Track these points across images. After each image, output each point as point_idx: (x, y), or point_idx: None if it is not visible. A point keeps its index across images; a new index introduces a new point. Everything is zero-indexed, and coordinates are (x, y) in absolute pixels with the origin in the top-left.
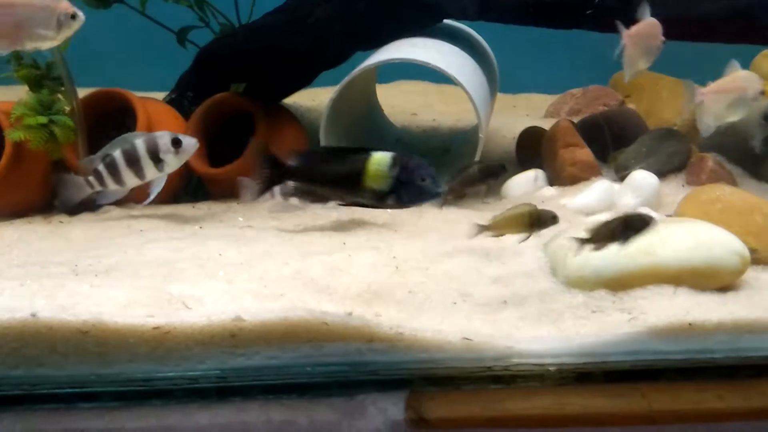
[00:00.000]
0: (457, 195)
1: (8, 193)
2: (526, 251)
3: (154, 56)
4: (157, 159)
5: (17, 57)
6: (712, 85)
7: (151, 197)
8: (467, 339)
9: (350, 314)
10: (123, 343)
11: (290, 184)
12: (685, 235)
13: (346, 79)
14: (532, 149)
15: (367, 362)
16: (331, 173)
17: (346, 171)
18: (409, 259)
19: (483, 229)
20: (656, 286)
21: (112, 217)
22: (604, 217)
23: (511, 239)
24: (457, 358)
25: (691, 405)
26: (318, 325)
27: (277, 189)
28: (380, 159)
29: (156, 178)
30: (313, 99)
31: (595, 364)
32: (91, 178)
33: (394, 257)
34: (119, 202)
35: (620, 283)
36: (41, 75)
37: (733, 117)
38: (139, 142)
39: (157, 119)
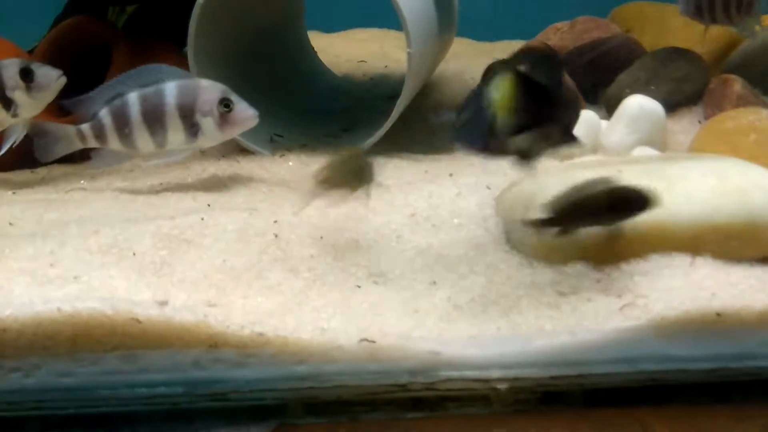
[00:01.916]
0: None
1: None
2: (466, 209)
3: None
4: (6, 99)
5: None
6: None
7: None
8: (368, 341)
9: (165, 303)
10: None
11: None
12: (707, 177)
13: None
14: None
15: (210, 380)
16: None
17: None
18: (298, 225)
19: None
20: (663, 254)
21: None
22: (576, 180)
23: (450, 192)
24: (353, 372)
25: None
26: (128, 324)
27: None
28: None
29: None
30: None
31: (570, 378)
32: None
33: (279, 222)
34: None
35: (607, 251)
36: None
37: None
38: None
39: None
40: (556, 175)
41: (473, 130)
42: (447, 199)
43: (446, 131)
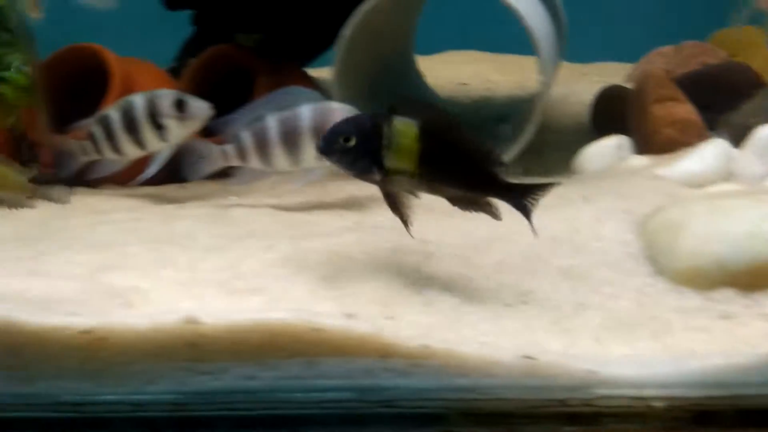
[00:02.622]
0: None
1: None
2: (608, 232)
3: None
4: (157, 123)
5: None
6: None
7: (146, 175)
8: (529, 358)
9: (352, 316)
10: (42, 351)
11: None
12: None
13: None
14: (613, 112)
15: (381, 388)
16: None
17: None
18: (444, 245)
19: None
20: None
21: (76, 199)
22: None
23: (587, 216)
24: (513, 386)
25: None
26: (308, 333)
27: (231, 150)
28: None
29: (158, 150)
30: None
31: (724, 399)
32: (85, 143)
33: (425, 241)
34: (92, 185)
35: (757, 277)
36: None
37: None
38: (138, 100)
39: (138, 80)
40: (701, 203)
41: None
42: (585, 222)
43: (563, 154)
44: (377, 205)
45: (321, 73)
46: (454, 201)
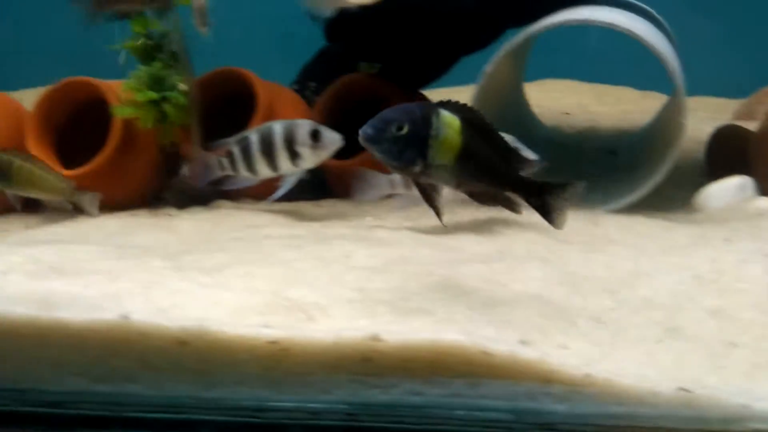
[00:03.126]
0: None
1: (114, 183)
2: (752, 276)
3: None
4: (293, 151)
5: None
6: None
7: (278, 194)
8: (685, 390)
9: (525, 343)
10: (230, 359)
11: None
12: None
13: (513, 42)
14: (732, 152)
15: (541, 411)
16: None
17: None
18: (591, 278)
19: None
20: None
21: (224, 211)
22: None
23: (730, 257)
24: (668, 416)
25: None
26: (477, 355)
27: (398, 179)
28: None
29: (290, 173)
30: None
31: None
32: (223, 159)
33: (571, 273)
34: (231, 198)
35: None
36: (153, 47)
37: None
38: (277, 128)
39: (279, 106)
40: None
41: None
42: (729, 264)
43: (679, 191)
44: (513, 233)
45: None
46: (475, 196)
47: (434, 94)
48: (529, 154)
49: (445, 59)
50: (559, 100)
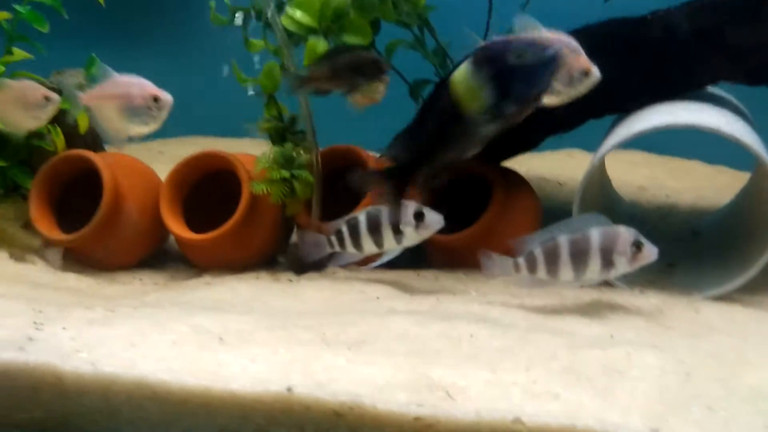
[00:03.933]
0: None
1: (240, 246)
2: None
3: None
4: (397, 230)
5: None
6: None
7: (378, 263)
8: None
9: (652, 430)
10: None
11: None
12: None
13: (617, 140)
14: None
15: None
16: None
17: None
18: (700, 366)
19: None
20: None
21: (340, 278)
22: None
23: None
24: None
25: None
26: None
27: (522, 262)
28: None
29: (392, 249)
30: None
31: None
32: (332, 238)
33: (680, 361)
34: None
35: None
36: (284, 128)
37: None
38: (384, 210)
39: None
40: None
41: None
42: None
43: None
44: (619, 317)
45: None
46: None
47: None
48: (651, 249)
49: (531, 140)
50: (630, 172)
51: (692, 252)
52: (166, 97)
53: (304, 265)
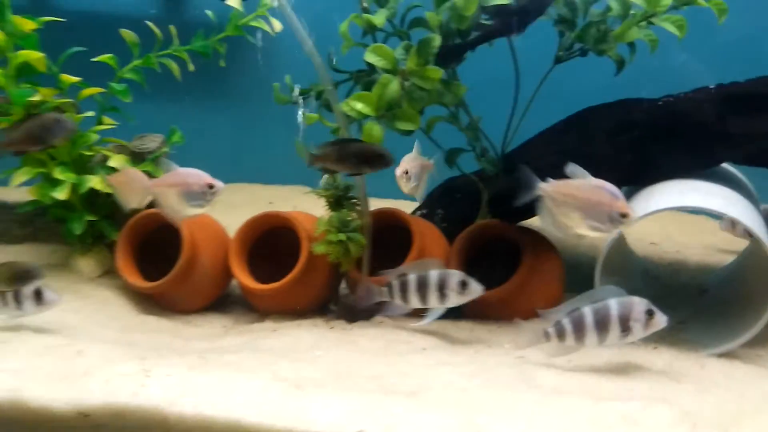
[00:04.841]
0: None
1: (298, 295)
2: None
3: None
4: (442, 292)
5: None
6: None
7: (427, 321)
8: None
9: None
10: None
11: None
12: None
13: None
14: None
15: None
16: None
17: None
18: (704, 417)
19: None
20: None
21: (388, 327)
22: None
23: None
24: None
25: None
26: None
27: (551, 331)
28: None
29: (437, 307)
30: None
31: None
32: (384, 290)
33: (689, 413)
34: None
35: None
36: (340, 195)
37: None
38: (434, 274)
39: (428, 242)
40: None
41: None
42: None
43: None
44: (636, 372)
45: None
46: None
47: None
48: (661, 317)
49: None
50: (644, 228)
51: (700, 308)
52: (219, 184)
53: (356, 314)
